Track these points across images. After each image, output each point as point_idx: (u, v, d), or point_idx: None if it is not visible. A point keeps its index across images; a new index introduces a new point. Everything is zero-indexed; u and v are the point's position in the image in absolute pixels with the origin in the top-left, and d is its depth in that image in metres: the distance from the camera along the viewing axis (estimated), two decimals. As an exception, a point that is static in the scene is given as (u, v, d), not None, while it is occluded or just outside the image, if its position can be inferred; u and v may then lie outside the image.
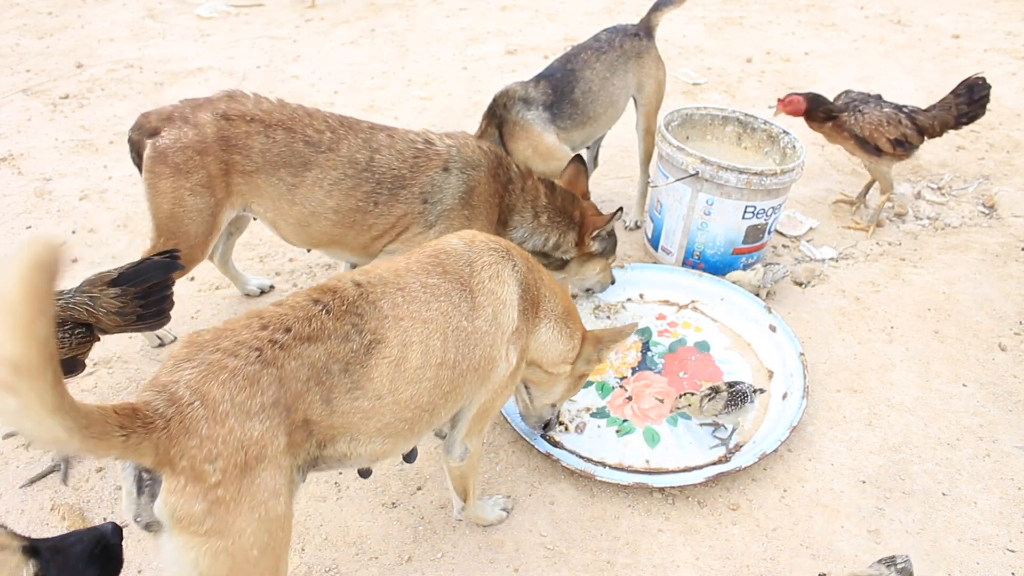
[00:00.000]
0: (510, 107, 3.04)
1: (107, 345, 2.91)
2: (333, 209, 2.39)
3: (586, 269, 2.85)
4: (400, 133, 2.47)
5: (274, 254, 3.51)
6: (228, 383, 1.39)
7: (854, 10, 7.23)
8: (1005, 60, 5.97)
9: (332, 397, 1.52)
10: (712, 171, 3.03)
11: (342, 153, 2.36)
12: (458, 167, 2.44)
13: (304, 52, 6.10)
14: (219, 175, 2.35)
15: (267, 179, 2.37)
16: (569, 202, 2.72)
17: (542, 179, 2.69)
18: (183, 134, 2.32)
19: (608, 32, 3.38)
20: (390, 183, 2.39)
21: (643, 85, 3.43)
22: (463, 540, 2.20)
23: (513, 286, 1.84)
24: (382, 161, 2.39)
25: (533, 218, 2.63)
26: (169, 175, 2.34)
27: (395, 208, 2.41)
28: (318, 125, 2.38)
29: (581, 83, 3.16)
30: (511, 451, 2.49)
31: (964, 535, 2.23)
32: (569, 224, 2.70)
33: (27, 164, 4.27)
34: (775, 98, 3.86)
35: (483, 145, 2.54)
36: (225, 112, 2.35)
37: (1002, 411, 2.67)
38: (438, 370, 1.67)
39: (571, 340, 2.07)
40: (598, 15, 6.99)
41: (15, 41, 6.16)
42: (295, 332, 1.50)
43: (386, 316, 1.62)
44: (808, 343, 2.95)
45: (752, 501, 2.33)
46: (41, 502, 2.27)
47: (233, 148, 2.33)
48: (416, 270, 1.74)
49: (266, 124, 2.34)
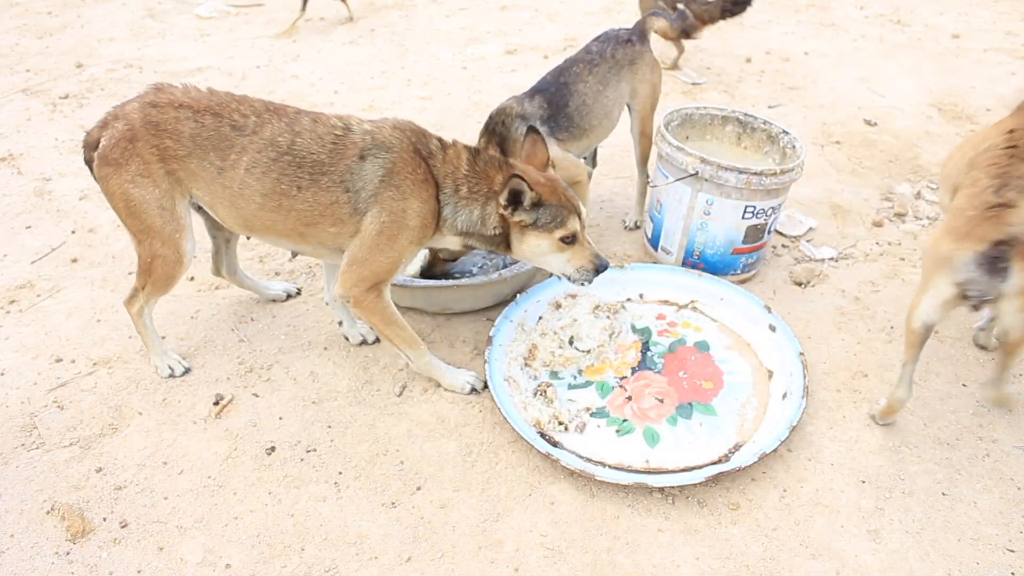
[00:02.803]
0: (509, 124, 3.02)
1: (107, 345, 2.91)
2: (258, 191, 2.41)
3: (528, 246, 2.45)
4: (323, 118, 2.47)
5: (273, 254, 3.52)
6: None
7: (854, 10, 7.23)
8: (1005, 60, 5.97)
9: None
10: (712, 171, 3.03)
11: (265, 136, 2.39)
12: (372, 153, 2.41)
13: (304, 52, 6.10)
14: (155, 161, 2.39)
15: (199, 163, 2.40)
16: (493, 167, 2.44)
17: (466, 147, 2.51)
18: (115, 130, 2.38)
19: (599, 42, 3.35)
20: (310, 168, 2.39)
21: (637, 91, 3.42)
22: (463, 540, 2.20)
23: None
24: (302, 145, 2.39)
25: (454, 191, 2.45)
26: (112, 173, 2.39)
27: (319, 195, 2.41)
28: (244, 110, 2.42)
29: (575, 97, 3.15)
30: (511, 451, 2.49)
31: (964, 535, 2.23)
32: (489, 192, 2.42)
33: (27, 164, 4.27)
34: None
35: (399, 125, 2.49)
36: (153, 101, 2.40)
37: (1002, 411, 2.67)
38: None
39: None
40: (598, 15, 6.99)
41: (15, 41, 6.16)
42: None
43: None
44: (808, 343, 2.95)
45: (752, 501, 2.33)
46: (41, 502, 2.28)
47: (164, 133, 2.37)
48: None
49: (195, 110, 2.39)
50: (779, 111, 5.04)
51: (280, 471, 2.40)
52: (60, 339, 2.95)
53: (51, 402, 2.65)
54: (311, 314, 3.12)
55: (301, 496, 2.31)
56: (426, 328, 3.03)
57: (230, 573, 2.09)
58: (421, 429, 2.57)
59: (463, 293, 3.00)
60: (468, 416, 2.63)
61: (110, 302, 3.16)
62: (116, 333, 2.98)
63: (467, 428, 2.58)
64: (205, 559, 2.12)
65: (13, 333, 2.98)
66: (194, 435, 2.53)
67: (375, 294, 2.50)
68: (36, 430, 2.53)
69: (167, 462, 2.43)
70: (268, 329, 3.03)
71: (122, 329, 2.99)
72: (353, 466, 2.43)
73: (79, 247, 3.54)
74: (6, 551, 2.13)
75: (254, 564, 2.11)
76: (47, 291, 3.23)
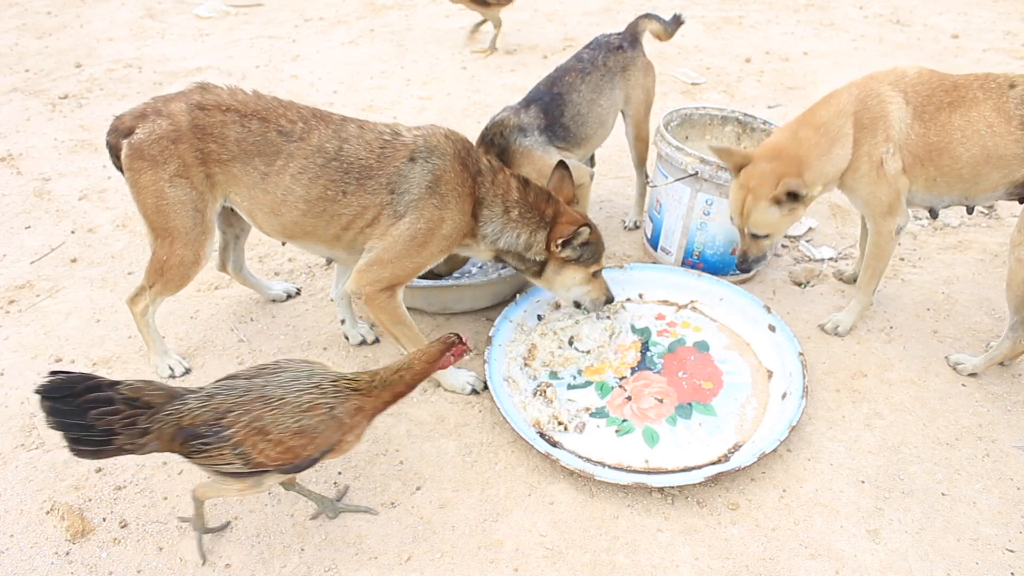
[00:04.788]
0: (508, 136, 3.02)
1: (106, 345, 2.91)
2: (303, 198, 2.41)
3: (564, 277, 2.68)
4: (370, 125, 2.49)
5: (273, 254, 3.52)
6: None
7: (853, 10, 7.23)
8: (1004, 60, 5.97)
9: None
10: (711, 171, 3.03)
11: (312, 142, 2.39)
12: (423, 156, 2.43)
13: (303, 52, 6.10)
14: (195, 164, 2.38)
15: (243, 168, 2.40)
16: (544, 200, 2.62)
17: (515, 175, 2.62)
18: (157, 126, 2.35)
19: (590, 50, 3.34)
20: (357, 173, 2.40)
21: (630, 97, 3.41)
22: (463, 540, 2.20)
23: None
24: (350, 151, 2.41)
25: (503, 212, 2.56)
26: (147, 168, 2.36)
27: (363, 198, 2.42)
28: (291, 115, 2.42)
29: (569, 107, 3.14)
30: (510, 451, 2.49)
31: (963, 535, 2.23)
32: (540, 222, 2.60)
33: (26, 164, 4.27)
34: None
35: (451, 134, 2.52)
36: (200, 103, 2.38)
37: (1001, 411, 2.67)
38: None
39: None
40: (597, 15, 6.99)
41: (14, 41, 6.16)
42: None
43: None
44: (807, 343, 2.96)
45: (751, 501, 2.33)
46: (40, 502, 2.28)
47: (209, 137, 2.36)
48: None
49: (242, 114, 2.38)
50: (779, 111, 5.04)
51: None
52: (60, 339, 2.94)
53: (51, 402, 2.65)
54: (311, 314, 3.12)
55: (301, 496, 2.31)
56: (426, 328, 3.03)
57: (230, 573, 2.09)
58: (421, 429, 2.57)
59: (463, 293, 3.00)
60: (468, 416, 2.63)
61: (110, 302, 3.16)
62: (116, 333, 2.98)
63: (467, 428, 2.58)
64: (205, 559, 2.12)
65: (13, 333, 2.98)
66: (194, 435, 2.52)
67: (389, 294, 2.52)
68: (36, 430, 2.53)
69: (167, 462, 2.42)
70: (268, 329, 3.03)
71: (122, 329, 2.99)
72: (353, 466, 2.43)
73: (78, 247, 3.54)
74: (6, 551, 2.13)
75: (254, 564, 2.11)
76: (46, 291, 3.23)
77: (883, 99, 2.61)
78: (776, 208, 2.69)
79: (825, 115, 2.67)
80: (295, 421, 1.88)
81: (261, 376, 1.97)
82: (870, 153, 2.63)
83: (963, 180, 2.60)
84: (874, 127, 2.61)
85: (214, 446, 1.86)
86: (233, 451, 1.87)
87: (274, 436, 1.87)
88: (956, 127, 2.54)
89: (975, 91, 2.55)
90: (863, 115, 2.63)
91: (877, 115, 2.61)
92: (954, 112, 2.55)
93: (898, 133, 2.59)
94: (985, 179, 2.58)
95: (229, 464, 1.89)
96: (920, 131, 2.58)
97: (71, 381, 1.83)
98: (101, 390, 1.83)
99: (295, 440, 1.88)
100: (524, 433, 2.44)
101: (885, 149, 2.60)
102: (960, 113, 2.54)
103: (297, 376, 1.96)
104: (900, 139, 2.59)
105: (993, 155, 2.51)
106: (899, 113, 2.59)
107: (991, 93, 2.53)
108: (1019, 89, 2.51)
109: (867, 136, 2.62)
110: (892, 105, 2.60)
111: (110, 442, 1.84)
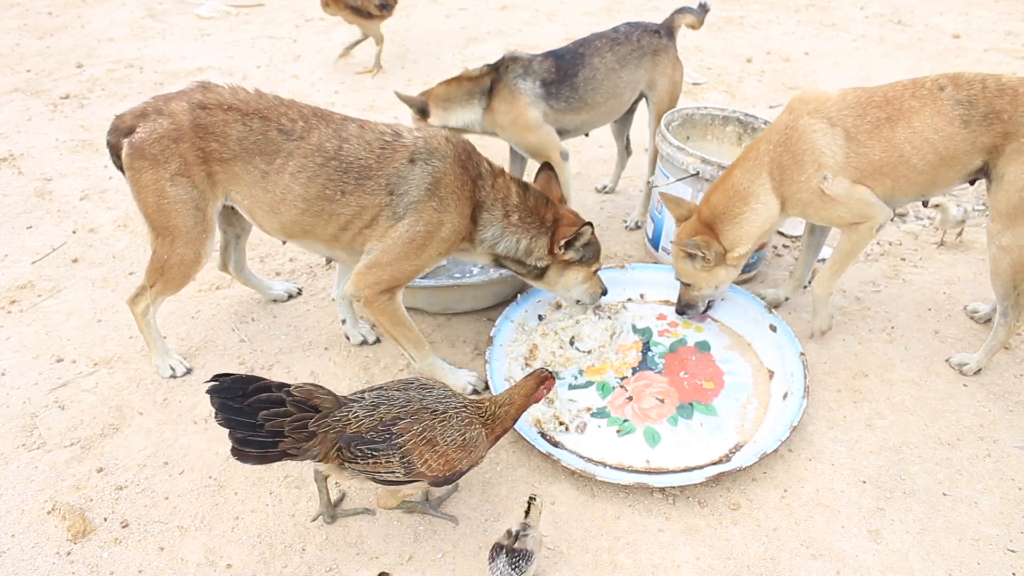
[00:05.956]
0: (508, 71, 3.09)
1: (107, 345, 2.91)
2: (301, 196, 2.41)
3: (567, 279, 2.70)
4: (371, 125, 2.49)
5: (274, 254, 3.52)
6: None
7: (854, 10, 7.23)
8: (1005, 60, 5.97)
9: None
10: (712, 171, 3.03)
11: (312, 141, 2.39)
12: (423, 158, 2.43)
13: (304, 52, 6.11)
14: (196, 163, 2.38)
15: (244, 166, 2.40)
16: (542, 204, 2.61)
17: (514, 178, 2.61)
18: (158, 125, 2.35)
19: (628, 25, 3.39)
20: (356, 172, 2.40)
21: (655, 83, 3.42)
22: (463, 540, 2.20)
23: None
24: (349, 151, 2.40)
25: (503, 217, 2.55)
26: (148, 167, 2.37)
27: (362, 198, 2.41)
28: (292, 114, 2.42)
29: (586, 69, 3.18)
30: (511, 451, 2.49)
31: (964, 535, 2.23)
32: (541, 227, 2.60)
33: (27, 164, 4.28)
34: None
35: (452, 138, 2.52)
36: (201, 101, 2.38)
37: (1002, 411, 2.67)
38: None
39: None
40: (598, 15, 7.00)
41: (15, 41, 6.16)
42: None
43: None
44: (808, 343, 2.95)
45: (752, 501, 2.33)
46: (42, 502, 2.28)
47: (210, 136, 2.36)
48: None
49: (243, 113, 2.38)
50: (780, 111, 5.04)
51: (281, 471, 2.39)
52: (61, 339, 2.95)
53: (52, 402, 2.65)
54: (312, 314, 3.12)
55: (302, 496, 2.31)
56: (427, 328, 3.03)
57: (231, 573, 2.09)
58: (422, 429, 2.57)
59: (464, 293, 3.00)
60: (469, 416, 2.63)
61: (111, 302, 3.16)
62: (117, 333, 2.98)
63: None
64: (206, 559, 2.12)
65: (14, 333, 2.98)
66: (195, 435, 2.53)
67: (388, 296, 2.52)
68: (37, 430, 2.53)
69: (168, 462, 2.43)
70: (269, 329, 3.03)
71: (123, 329, 2.99)
72: (354, 466, 2.43)
73: (80, 247, 3.55)
74: (7, 551, 2.13)
75: (255, 564, 2.12)
76: (48, 291, 3.23)
77: (802, 132, 2.59)
78: (689, 261, 2.79)
79: (738, 177, 2.70)
80: (460, 435, 1.95)
81: (410, 390, 2.01)
82: (806, 185, 2.61)
83: (922, 184, 2.60)
84: (800, 162, 2.59)
85: (383, 452, 1.89)
86: (401, 459, 1.90)
87: (440, 448, 1.93)
88: (904, 139, 2.51)
89: (909, 101, 2.52)
90: (783, 157, 2.62)
91: (800, 150, 2.59)
92: (896, 126, 2.52)
93: (831, 158, 2.56)
94: (943, 178, 2.59)
95: (391, 472, 1.92)
96: (859, 150, 2.55)
97: (242, 381, 1.84)
98: (271, 391, 1.84)
99: (457, 453, 1.95)
100: (525, 433, 2.44)
101: (820, 178, 2.57)
102: (903, 125, 2.51)
103: (448, 394, 2.03)
104: (836, 163, 2.56)
105: (947, 156, 2.51)
106: (826, 139, 2.56)
107: (925, 100, 2.51)
108: (948, 90, 2.50)
109: (795, 173, 2.61)
110: (816, 134, 2.57)
111: (275, 444, 1.84)
